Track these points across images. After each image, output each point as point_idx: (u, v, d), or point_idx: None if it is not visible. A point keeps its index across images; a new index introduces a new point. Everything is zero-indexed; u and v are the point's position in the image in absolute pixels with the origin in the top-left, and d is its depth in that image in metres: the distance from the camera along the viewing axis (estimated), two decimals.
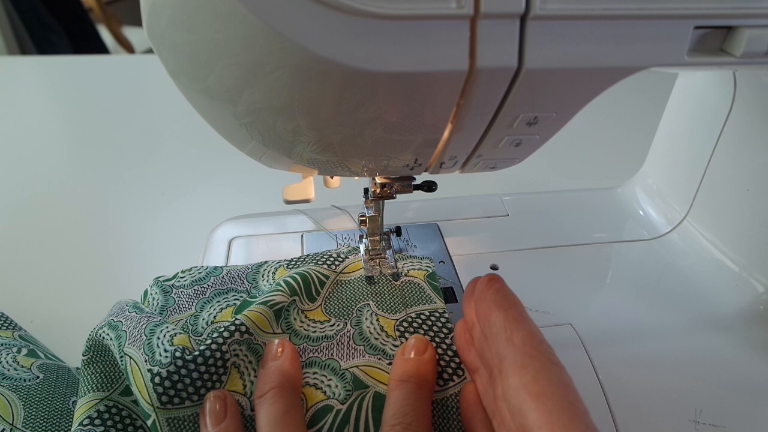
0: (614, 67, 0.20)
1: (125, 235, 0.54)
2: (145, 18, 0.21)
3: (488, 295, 0.27)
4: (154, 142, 0.69)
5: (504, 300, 0.26)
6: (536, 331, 0.25)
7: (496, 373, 0.25)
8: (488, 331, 0.26)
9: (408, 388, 0.27)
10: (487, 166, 0.26)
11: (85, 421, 0.27)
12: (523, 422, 0.22)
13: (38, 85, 0.86)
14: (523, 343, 0.24)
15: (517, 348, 0.24)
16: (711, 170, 0.35)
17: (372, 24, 0.17)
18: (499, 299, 0.26)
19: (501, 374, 0.24)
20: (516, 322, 0.25)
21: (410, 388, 0.27)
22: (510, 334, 0.25)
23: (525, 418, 0.22)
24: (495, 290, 0.27)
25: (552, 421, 0.21)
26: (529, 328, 0.25)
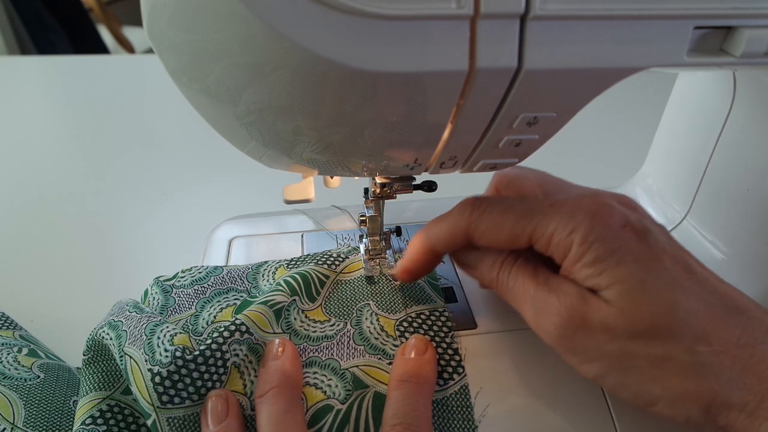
0: (614, 67, 0.20)
1: (125, 235, 0.54)
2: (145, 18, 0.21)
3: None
4: (154, 142, 0.69)
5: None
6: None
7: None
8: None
9: (408, 388, 0.27)
10: (487, 166, 0.26)
11: (88, 421, 0.27)
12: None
13: (38, 85, 0.86)
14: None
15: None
16: (711, 170, 0.35)
17: (372, 24, 0.17)
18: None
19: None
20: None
21: (410, 388, 0.27)
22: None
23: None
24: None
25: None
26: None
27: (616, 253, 0.24)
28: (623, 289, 0.24)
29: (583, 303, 0.24)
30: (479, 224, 0.27)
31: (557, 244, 0.25)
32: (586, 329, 0.24)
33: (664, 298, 0.23)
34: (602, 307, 0.24)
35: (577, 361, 0.25)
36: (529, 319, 0.27)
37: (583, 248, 0.24)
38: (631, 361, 0.24)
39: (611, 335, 0.24)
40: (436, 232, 0.29)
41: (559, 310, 0.25)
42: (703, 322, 0.23)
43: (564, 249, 0.25)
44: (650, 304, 0.23)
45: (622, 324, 0.23)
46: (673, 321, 0.23)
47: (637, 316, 0.23)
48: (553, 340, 0.25)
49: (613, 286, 0.24)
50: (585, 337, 0.24)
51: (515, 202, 0.27)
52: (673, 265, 0.24)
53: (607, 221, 0.25)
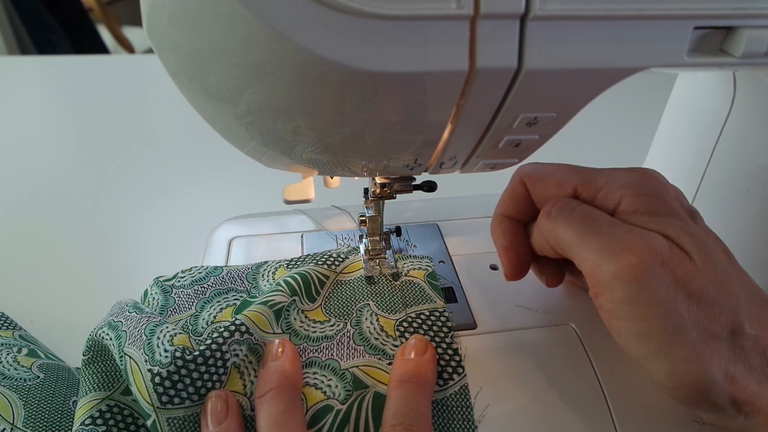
0: (614, 67, 0.20)
1: (125, 235, 0.54)
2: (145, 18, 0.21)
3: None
4: (154, 141, 0.69)
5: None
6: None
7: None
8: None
9: (408, 388, 0.27)
10: (487, 166, 0.26)
11: (87, 421, 0.27)
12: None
13: (38, 85, 0.86)
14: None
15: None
16: (711, 170, 0.35)
17: (372, 24, 0.17)
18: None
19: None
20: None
21: (410, 388, 0.27)
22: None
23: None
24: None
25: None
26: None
27: (675, 215, 0.24)
28: (700, 248, 0.23)
29: (669, 250, 0.23)
30: (531, 173, 0.29)
31: (606, 195, 0.25)
32: (664, 277, 0.22)
33: (723, 272, 0.23)
34: (685, 260, 0.23)
35: (628, 314, 0.23)
36: (587, 259, 0.24)
37: (641, 200, 0.24)
38: (686, 330, 0.22)
39: (685, 292, 0.22)
40: (499, 203, 0.31)
41: (641, 248, 0.22)
42: (750, 306, 0.23)
43: (614, 200, 0.25)
44: (718, 273, 0.23)
45: (699, 281, 0.22)
46: (732, 295, 0.23)
47: (711, 279, 0.23)
48: (617, 283, 0.23)
49: (689, 242, 0.23)
50: (659, 285, 0.22)
51: (564, 164, 0.28)
52: (720, 247, 0.25)
53: (660, 188, 0.25)
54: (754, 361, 0.23)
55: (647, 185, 0.25)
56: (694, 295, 0.22)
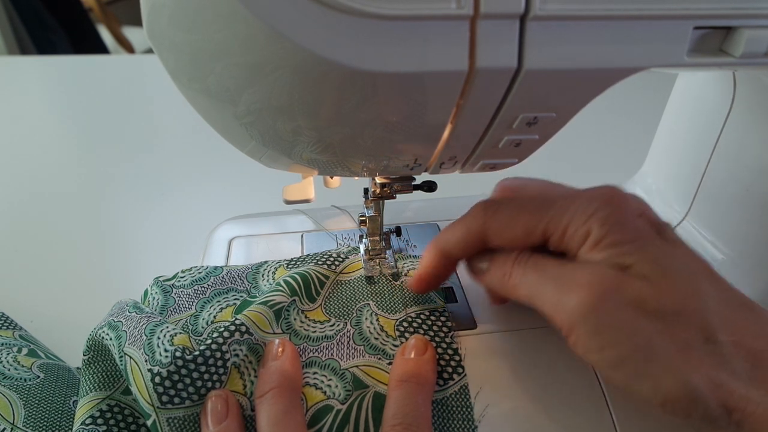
0: (614, 67, 0.20)
1: (125, 235, 0.54)
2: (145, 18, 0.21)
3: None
4: (154, 142, 0.69)
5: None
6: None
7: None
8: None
9: (408, 388, 0.27)
10: (487, 166, 0.26)
11: (87, 421, 0.27)
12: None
13: (38, 85, 0.86)
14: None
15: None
16: (711, 170, 0.36)
17: (372, 24, 0.17)
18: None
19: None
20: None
21: (410, 388, 0.27)
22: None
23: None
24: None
25: None
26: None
27: (638, 238, 0.24)
28: (653, 267, 0.23)
29: (616, 274, 0.23)
30: (493, 222, 0.27)
31: (573, 233, 0.25)
32: (616, 304, 0.23)
33: (689, 283, 0.23)
34: (635, 280, 0.23)
35: (599, 344, 0.23)
36: (547, 303, 0.25)
37: (604, 230, 0.24)
38: (657, 343, 0.22)
39: (643, 311, 0.23)
40: (449, 237, 0.29)
41: (590, 282, 0.23)
42: (724, 312, 0.23)
43: (581, 236, 0.24)
44: (678, 286, 0.23)
45: (654, 299, 0.23)
46: (699, 304, 0.23)
47: (669, 294, 0.23)
48: (578, 318, 0.23)
49: (644, 263, 0.23)
50: (615, 310, 0.23)
51: (527, 199, 0.27)
52: (689, 257, 0.25)
53: (624, 209, 0.24)
54: (738, 366, 0.22)
55: (608, 215, 0.24)
56: (655, 312, 0.23)
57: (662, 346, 0.22)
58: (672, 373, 0.22)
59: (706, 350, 0.22)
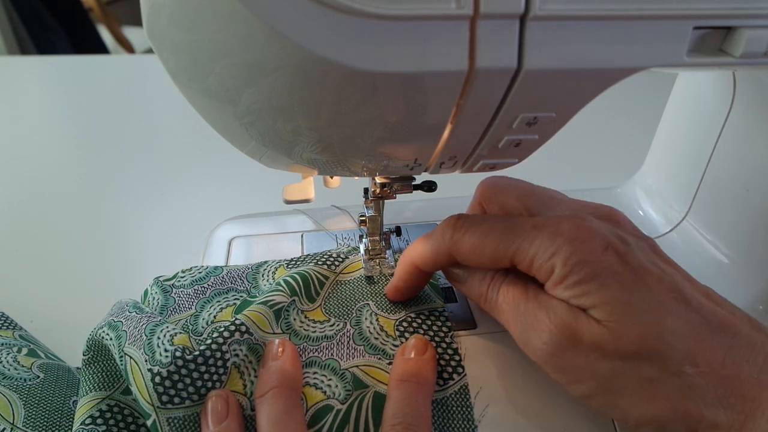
0: (614, 67, 0.20)
1: (125, 235, 0.54)
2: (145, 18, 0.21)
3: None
4: (154, 142, 0.69)
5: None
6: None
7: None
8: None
9: (408, 387, 0.27)
10: (487, 166, 0.26)
11: (87, 420, 0.27)
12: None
13: (38, 85, 0.86)
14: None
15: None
16: (711, 170, 0.36)
17: (372, 24, 0.17)
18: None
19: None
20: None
21: (410, 388, 0.27)
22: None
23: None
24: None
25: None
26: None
27: (599, 276, 0.24)
28: (611, 310, 0.23)
29: (574, 320, 0.24)
30: (461, 246, 0.27)
31: (539, 267, 0.25)
32: (576, 347, 0.24)
33: (650, 320, 0.23)
34: (593, 325, 0.24)
35: (566, 380, 0.25)
36: (516, 336, 0.26)
37: (565, 270, 0.24)
38: (620, 381, 0.24)
39: (601, 354, 0.24)
40: (419, 252, 0.30)
41: (549, 327, 0.24)
42: (689, 342, 0.23)
43: (546, 271, 0.25)
44: (637, 326, 0.23)
45: (611, 343, 0.23)
46: (660, 343, 0.23)
47: (626, 337, 0.23)
48: (541, 358, 0.25)
49: (601, 306, 0.24)
50: (575, 355, 0.24)
51: (496, 222, 0.27)
52: (658, 285, 0.24)
53: (588, 245, 0.24)
54: (710, 393, 0.22)
55: (570, 254, 0.24)
56: (613, 354, 0.23)
57: (624, 384, 0.23)
58: (637, 406, 0.23)
59: (671, 383, 0.23)
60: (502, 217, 0.27)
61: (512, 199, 0.29)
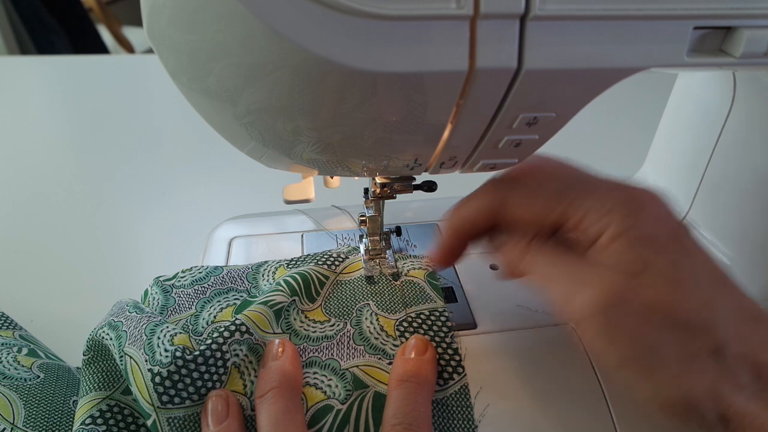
0: (614, 67, 0.20)
1: (125, 235, 0.54)
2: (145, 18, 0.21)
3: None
4: (154, 142, 0.69)
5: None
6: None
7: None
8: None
9: (408, 387, 0.27)
10: (487, 166, 0.26)
11: (87, 420, 0.27)
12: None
13: (38, 85, 0.86)
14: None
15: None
16: (711, 170, 0.36)
17: (372, 24, 0.17)
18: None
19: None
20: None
21: (411, 388, 0.27)
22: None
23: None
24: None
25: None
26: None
27: (653, 241, 0.23)
28: (667, 276, 0.23)
29: (629, 281, 0.23)
30: (512, 196, 0.26)
31: (591, 223, 0.24)
32: (626, 308, 0.23)
33: (703, 293, 0.23)
34: (647, 289, 0.23)
35: (603, 343, 0.23)
36: (559, 293, 0.25)
37: (620, 228, 0.23)
38: (662, 352, 0.23)
39: (650, 319, 0.23)
40: (464, 212, 0.28)
41: (602, 284, 0.23)
42: (734, 324, 0.23)
43: (598, 229, 0.24)
44: (691, 296, 0.23)
45: (664, 310, 0.22)
46: (710, 317, 0.23)
47: (679, 305, 0.23)
48: (585, 316, 0.23)
49: (656, 272, 0.23)
50: (623, 316, 0.23)
51: (548, 178, 0.26)
52: (704, 266, 0.24)
53: (644, 209, 0.24)
54: (743, 378, 0.22)
55: (626, 214, 0.24)
56: (663, 321, 0.23)
57: (667, 355, 0.22)
58: (673, 381, 0.22)
59: (711, 362, 0.22)
60: (553, 175, 0.27)
61: (548, 197, 0.28)
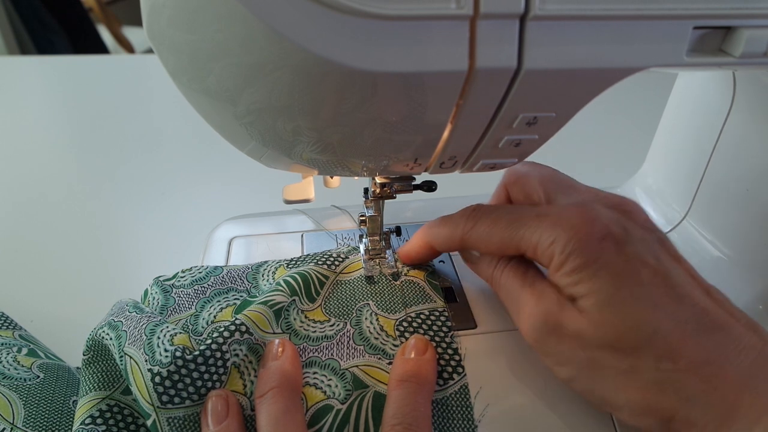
0: (614, 67, 0.20)
1: (125, 235, 0.54)
2: (145, 18, 0.21)
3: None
4: (154, 142, 0.69)
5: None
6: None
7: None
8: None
9: (408, 387, 0.27)
10: (487, 166, 0.27)
11: (87, 420, 0.27)
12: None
13: (38, 85, 0.86)
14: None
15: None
16: (710, 170, 0.36)
17: (372, 24, 0.17)
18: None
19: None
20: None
21: (410, 388, 0.27)
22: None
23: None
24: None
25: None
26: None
27: (591, 265, 0.24)
28: (595, 301, 0.24)
29: (558, 309, 0.25)
30: (471, 235, 0.29)
31: (541, 254, 0.26)
32: (558, 334, 0.25)
33: (632, 314, 0.24)
34: (575, 315, 0.25)
35: (550, 363, 0.27)
36: (512, 317, 0.29)
37: (561, 258, 0.25)
38: (598, 369, 0.25)
39: (581, 343, 0.25)
40: (436, 234, 0.32)
41: (535, 312, 0.26)
42: (670, 339, 0.23)
43: (547, 258, 0.26)
44: (618, 319, 0.24)
45: (590, 334, 0.24)
46: (639, 337, 0.23)
47: (605, 329, 0.24)
48: (529, 340, 0.27)
49: (587, 297, 0.24)
50: (557, 341, 0.25)
51: (503, 213, 0.28)
52: (652, 279, 0.24)
53: (586, 233, 0.25)
54: (691, 389, 0.23)
55: (566, 242, 0.25)
56: (590, 344, 0.24)
57: (601, 372, 0.25)
58: (613, 393, 0.24)
59: (646, 376, 0.23)
60: (509, 208, 0.29)
61: (533, 182, 0.31)
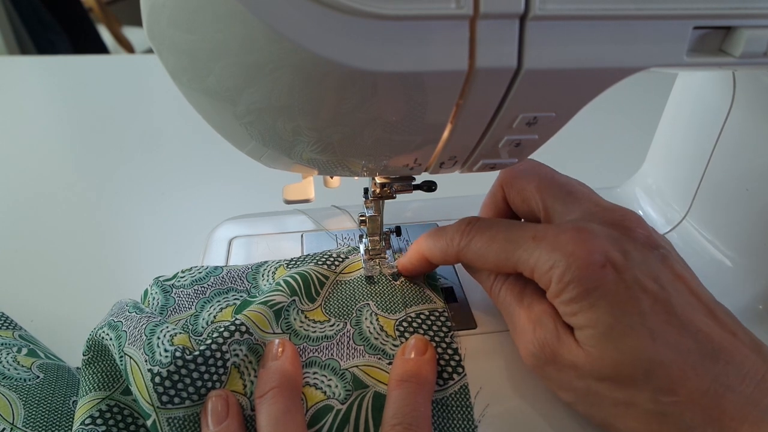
0: (614, 67, 0.20)
1: (125, 235, 0.54)
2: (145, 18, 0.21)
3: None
4: (154, 142, 0.69)
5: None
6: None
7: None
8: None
9: (408, 387, 0.27)
10: (487, 166, 0.26)
11: (87, 421, 0.27)
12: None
13: (38, 85, 0.86)
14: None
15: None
16: (710, 170, 0.36)
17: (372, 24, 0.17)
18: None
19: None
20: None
21: (410, 388, 0.27)
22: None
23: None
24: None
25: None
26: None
27: (590, 295, 0.24)
28: (593, 334, 0.24)
29: (555, 340, 0.25)
30: (467, 252, 0.29)
31: (539, 278, 0.26)
32: (556, 364, 0.25)
33: (630, 347, 0.23)
34: (572, 348, 0.24)
35: (550, 386, 0.27)
36: (510, 332, 0.29)
37: (559, 287, 0.24)
38: (597, 398, 0.25)
39: (578, 374, 0.25)
40: (431, 248, 0.31)
41: (533, 341, 0.26)
42: (670, 371, 0.23)
43: (545, 283, 0.25)
44: (616, 352, 0.23)
45: (588, 367, 0.24)
46: (636, 371, 0.23)
47: (602, 362, 0.24)
48: (527, 364, 0.27)
49: (585, 329, 0.24)
50: (555, 370, 0.26)
51: (499, 230, 0.27)
52: (652, 307, 0.24)
53: (585, 261, 0.24)
54: (685, 422, 0.22)
55: (568, 270, 0.24)
56: (587, 376, 0.24)
57: (600, 401, 0.25)
58: (612, 420, 0.25)
59: (644, 408, 0.23)
60: (505, 225, 0.28)
61: (531, 187, 0.30)
